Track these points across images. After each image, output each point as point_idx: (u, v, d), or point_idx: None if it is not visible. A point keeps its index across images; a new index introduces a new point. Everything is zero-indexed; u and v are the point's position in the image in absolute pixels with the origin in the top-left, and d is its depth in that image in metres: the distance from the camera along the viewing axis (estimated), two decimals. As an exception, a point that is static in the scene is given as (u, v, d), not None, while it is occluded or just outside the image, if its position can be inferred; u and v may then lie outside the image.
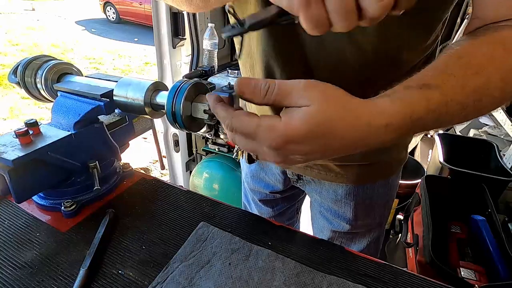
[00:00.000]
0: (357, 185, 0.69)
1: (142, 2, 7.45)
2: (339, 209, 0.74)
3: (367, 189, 0.71)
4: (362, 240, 0.79)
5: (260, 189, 0.86)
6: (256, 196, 0.90)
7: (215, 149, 1.67)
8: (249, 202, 0.95)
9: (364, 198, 0.72)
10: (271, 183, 0.83)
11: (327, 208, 0.77)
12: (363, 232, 0.78)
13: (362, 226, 0.76)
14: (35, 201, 0.63)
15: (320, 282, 0.49)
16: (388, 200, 0.76)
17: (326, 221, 0.80)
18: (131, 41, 6.71)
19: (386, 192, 0.74)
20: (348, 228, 0.76)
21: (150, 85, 0.59)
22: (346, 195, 0.72)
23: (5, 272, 0.49)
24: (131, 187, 0.71)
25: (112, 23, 8.26)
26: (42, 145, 0.54)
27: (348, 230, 0.77)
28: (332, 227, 0.80)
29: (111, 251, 0.54)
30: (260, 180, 0.84)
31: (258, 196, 0.89)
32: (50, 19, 7.90)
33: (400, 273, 0.52)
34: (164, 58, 1.61)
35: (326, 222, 0.80)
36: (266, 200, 0.89)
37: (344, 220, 0.75)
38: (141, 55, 5.85)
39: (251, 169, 0.85)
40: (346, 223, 0.75)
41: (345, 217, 0.75)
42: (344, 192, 0.71)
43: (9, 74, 0.72)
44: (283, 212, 0.93)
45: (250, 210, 0.96)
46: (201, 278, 0.49)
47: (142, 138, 2.69)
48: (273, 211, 0.91)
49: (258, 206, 0.92)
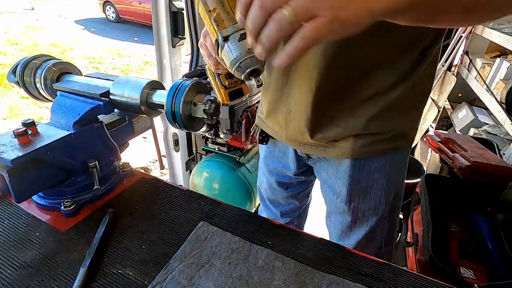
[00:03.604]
0: (354, 159, 0.71)
1: (141, 1, 7.44)
2: (338, 187, 0.77)
3: (363, 169, 0.72)
4: (360, 229, 0.79)
5: (277, 169, 0.91)
6: (272, 177, 0.94)
7: (215, 148, 1.67)
8: (264, 183, 1.00)
9: (359, 178, 0.73)
10: (286, 163, 0.88)
11: (330, 185, 0.79)
12: (360, 219, 0.78)
13: (357, 210, 0.77)
14: (34, 201, 0.63)
15: (319, 281, 0.49)
16: (386, 188, 0.75)
17: (328, 201, 0.83)
18: (131, 41, 6.70)
19: (383, 178, 0.73)
20: (343, 208, 0.78)
21: (146, 84, 0.59)
22: (344, 172, 0.74)
23: (5, 272, 0.49)
24: (131, 187, 0.70)
25: (112, 23, 8.25)
26: (41, 145, 0.54)
27: (343, 211, 0.78)
28: (330, 208, 0.83)
29: (111, 250, 0.54)
30: (278, 160, 0.89)
31: (275, 177, 0.94)
32: (49, 19, 7.89)
33: (399, 272, 0.52)
34: (163, 58, 1.60)
35: (328, 203, 0.84)
36: (282, 182, 0.94)
37: (339, 198, 0.77)
38: (141, 55, 5.85)
39: (269, 150, 0.90)
40: (341, 202, 0.77)
41: (341, 196, 0.77)
42: (344, 168, 0.74)
43: (8, 74, 0.72)
44: (296, 195, 0.97)
45: (264, 193, 1.02)
46: (201, 277, 0.49)
47: (142, 137, 2.69)
48: (287, 192, 0.96)
49: (272, 189, 0.97)
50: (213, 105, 0.55)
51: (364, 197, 0.76)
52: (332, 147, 0.72)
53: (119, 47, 6.20)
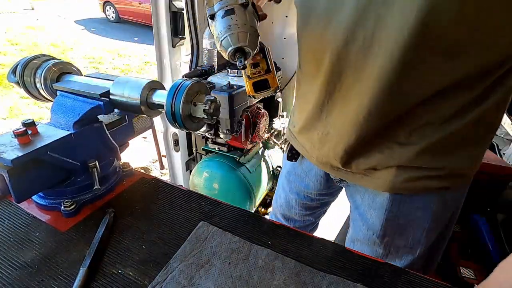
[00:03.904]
0: (393, 193, 0.63)
1: (141, 1, 7.44)
2: (371, 218, 0.69)
3: (404, 205, 0.64)
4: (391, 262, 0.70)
5: (299, 188, 0.85)
6: (292, 195, 0.88)
7: (215, 148, 1.67)
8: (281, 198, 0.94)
9: (398, 214, 0.65)
10: (308, 183, 0.82)
11: (362, 214, 0.72)
12: (393, 254, 0.70)
13: (391, 245, 0.69)
14: (34, 201, 0.63)
15: (319, 281, 0.49)
16: (429, 229, 0.65)
17: (355, 227, 0.75)
18: (131, 41, 6.70)
19: (427, 217, 0.64)
20: (374, 240, 0.70)
21: (146, 84, 0.59)
22: (381, 204, 0.66)
23: (5, 272, 0.49)
24: (131, 187, 0.70)
25: (112, 23, 8.25)
26: (41, 144, 0.54)
27: (373, 242, 0.71)
28: (357, 235, 0.75)
29: (111, 250, 0.54)
30: (300, 180, 0.83)
31: (295, 196, 0.87)
32: (49, 19, 7.89)
33: (400, 272, 0.52)
34: (163, 58, 1.60)
35: (354, 228, 0.76)
36: (302, 202, 0.88)
37: (371, 230, 0.70)
38: (141, 55, 5.84)
39: (293, 166, 0.84)
40: (373, 235, 0.70)
41: (374, 229, 0.69)
42: (380, 200, 0.66)
43: (8, 74, 0.72)
44: (313, 213, 0.91)
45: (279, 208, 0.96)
46: (201, 277, 0.49)
47: (142, 137, 2.69)
48: (304, 211, 0.90)
49: (289, 206, 0.91)
50: (213, 105, 0.55)
51: (401, 234, 0.67)
52: (370, 175, 0.64)
53: (119, 47, 6.20)
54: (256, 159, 1.76)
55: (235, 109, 1.35)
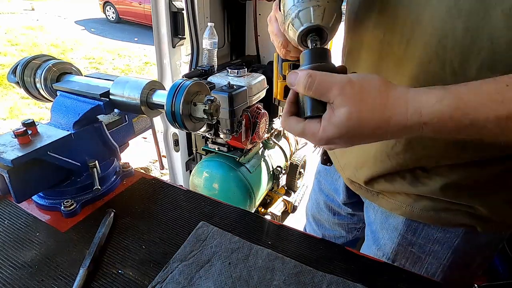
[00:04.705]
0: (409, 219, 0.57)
1: (141, 1, 7.44)
2: (382, 239, 0.64)
3: (421, 234, 0.58)
4: None
5: (328, 189, 0.81)
6: (321, 196, 0.85)
7: (215, 148, 1.67)
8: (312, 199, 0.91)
9: (412, 242, 0.59)
10: (336, 187, 0.78)
11: (373, 232, 0.67)
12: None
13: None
14: (34, 201, 0.63)
15: (319, 281, 0.49)
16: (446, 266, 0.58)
17: (366, 245, 0.71)
18: (131, 41, 6.71)
19: (446, 253, 0.57)
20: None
21: (146, 84, 0.59)
22: (394, 227, 0.60)
23: (5, 272, 0.49)
24: (131, 187, 0.70)
25: (112, 23, 8.25)
26: (42, 145, 0.54)
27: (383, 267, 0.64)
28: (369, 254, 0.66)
29: (111, 251, 0.54)
30: (331, 181, 0.80)
31: (324, 197, 0.84)
32: (49, 19, 7.89)
33: (400, 272, 0.52)
34: (163, 58, 1.60)
35: (365, 246, 0.72)
36: (330, 205, 0.84)
37: (381, 251, 0.65)
38: (141, 55, 5.85)
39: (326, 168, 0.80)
40: (382, 256, 0.65)
41: (384, 251, 0.64)
42: (394, 222, 0.60)
43: (8, 74, 0.72)
44: (343, 224, 0.84)
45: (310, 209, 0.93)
46: (201, 277, 0.49)
47: (142, 137, 2.69)
48: (333, 218, 0.85)
49: (319, 208, 0.87)
50: (213, 105, 0.55)
51: (414, 262, 0.61)
52: (387, 196, 0.59)
53: (119, 47, 6.21)
54: (256, 159, 1.76)
55: (235, 109, 1.35)
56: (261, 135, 1.63)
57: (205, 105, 0.54)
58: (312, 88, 0.37)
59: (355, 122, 0.35)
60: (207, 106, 0.54)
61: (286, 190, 2.13)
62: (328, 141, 0.38)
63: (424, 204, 0.54)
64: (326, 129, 0.37)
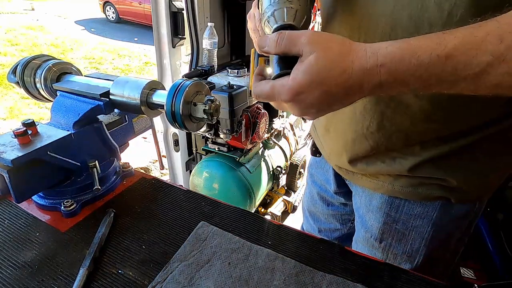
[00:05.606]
0: (392, 196, 0.62)
1: (141, 1, 7.44)
2: (369, 221, 0.68)
3: (402, 210, 0.62)
4: None
5: (320, 180, 0.85)
6: (314, 188, 0.88)
7: (215, 148, 1.67)
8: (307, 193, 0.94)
9: (396, 219, 0.63)
10: (327, 177, 0.81)
11: (361, 216, 0.71)
12: (391, 260, 0.68)
13: (389, 251, 0.67)
14: (34, 201, 0.63)
15: (319, 281, 0.49)
16: (428, 239, 0.62)
17: (357, 230, 0.75)
18: (131, 41, 6.71)
19: (426, 227, 0.61)
20: (373, 244, 0.69)
21: (146, 84, 0.59)
22: (378, 207, 0.65)
23: (5, 272, 0.49)
24: (131, 187, 0.70)
25: (112, 23, 8.26)
26: (41, 145, 0.54)
27: (372, 245, 0.69)
28: (358, 237, 0.74)
29: (111, 251, 0.54)
30: (322, 171, 0.83)
31: (317, 189, 0.87)
32: (49, 19, 7.89)
33: (400, 272, 0.52)
34: (163, 58, 1.61)
35: (356, 231, 0.75)
36: (323, 196, 0.87)
37: (369, 233, 0.69)
38: (141, 55, 5.85)
39: (315, 158, 0.85)
40: (371, 237, 0.69)
41: (372, 231, 0.68)
42: (377, 202, 0.65)
43: (8, 74, 0.72)
44: (337, 215, 0.87)
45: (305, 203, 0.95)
46: (201, 277, 0.49)
47: (142, 137, 2.69)
48: (327, 209, 0.88)
49: (313, 200, 0.90)
50: (213, 105, 0.55)
51: (399, 240, 0.65)
52: (370, 177, 0.63)
53: (119, 47, 6.21)
54: (256, 159, 1.76)
55: (235, 109, 1.35)
56: (261, 135, 1.63)
57: (205, 105, 0.54)
58: (282, 42, 0.38)
59: (322, 65, 0.36)
60: (207, 106, 0.54)
61: (286, 190, 2.13)
62: (298, 92, 0.37)
63: (403, 181, 0.59)
64: (296, 77, 0.37)
